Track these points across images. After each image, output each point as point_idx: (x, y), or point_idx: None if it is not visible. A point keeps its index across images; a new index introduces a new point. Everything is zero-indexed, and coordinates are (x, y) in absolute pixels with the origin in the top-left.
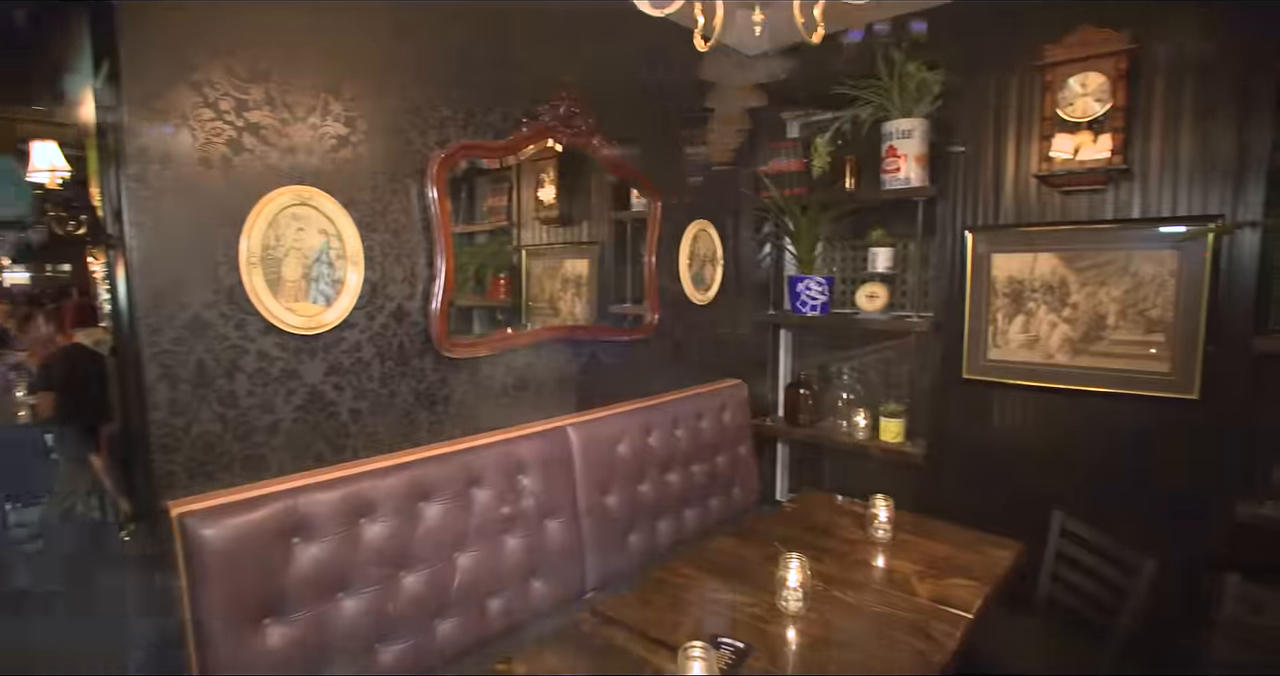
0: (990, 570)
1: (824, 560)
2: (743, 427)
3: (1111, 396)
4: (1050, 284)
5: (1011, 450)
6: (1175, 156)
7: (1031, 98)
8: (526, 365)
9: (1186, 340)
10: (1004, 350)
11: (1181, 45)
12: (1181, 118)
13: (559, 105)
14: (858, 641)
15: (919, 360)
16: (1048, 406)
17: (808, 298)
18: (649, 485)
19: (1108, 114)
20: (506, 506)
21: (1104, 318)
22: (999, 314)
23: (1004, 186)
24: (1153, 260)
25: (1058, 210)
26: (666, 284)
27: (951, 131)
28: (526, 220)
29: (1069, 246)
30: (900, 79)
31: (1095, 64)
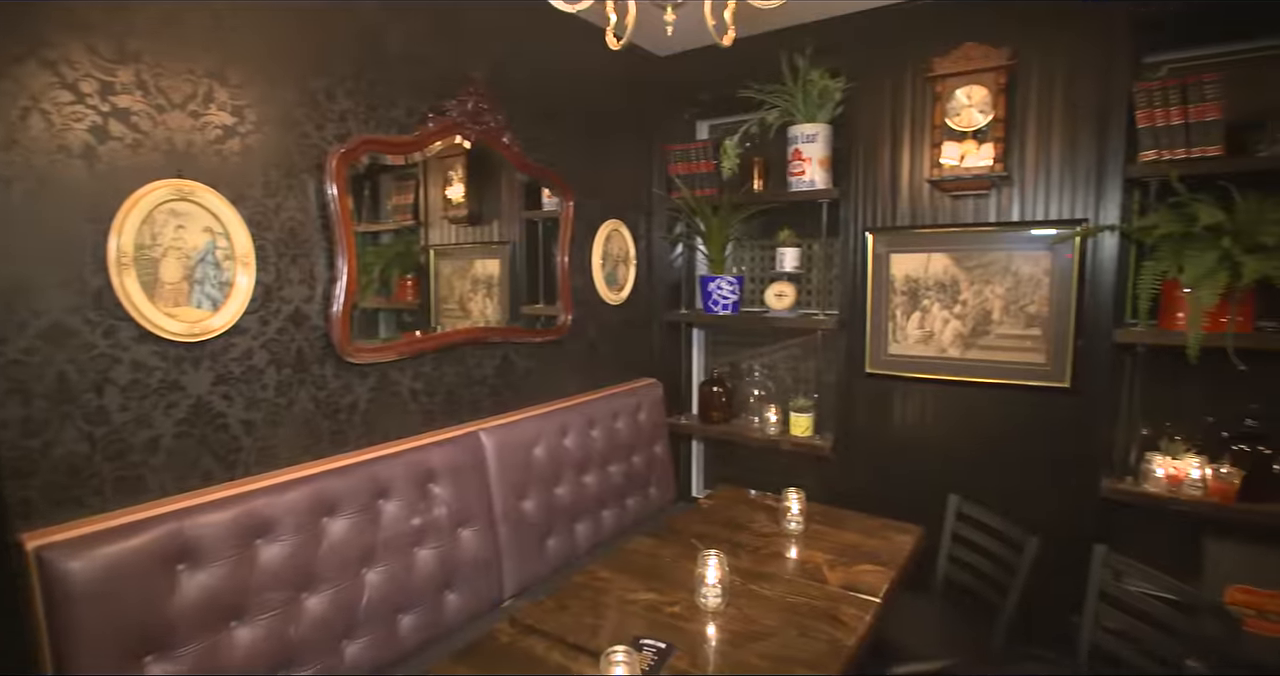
0: (895, 555)
1: (740, 555)
2: (658, 426)
3: (998, 387)
4: (943, 282)
5: (912, 439)
6: (1047, 165)
7: (923, 107)
8: (436, 369)
9: (1059, 334)
10: (903, 345)
11: (1050, 64)
12: (1052, 130)
13: (467, 101)
14: (775, 632)
15: (825, 356)
16: (943, 397)
17: (719, 297)
18: (566, 488)
19: (990, 124)
20: (417, 517)
21: (990, 314)
22: (898, 311)
23: (900, 190)
24: (1030, 260)
25: (948, 213)
26: (580, 284)
27: (853, 137)
28: (434, 219)
29: (958, 247)
30: (804, 85)
31: (978, 78)
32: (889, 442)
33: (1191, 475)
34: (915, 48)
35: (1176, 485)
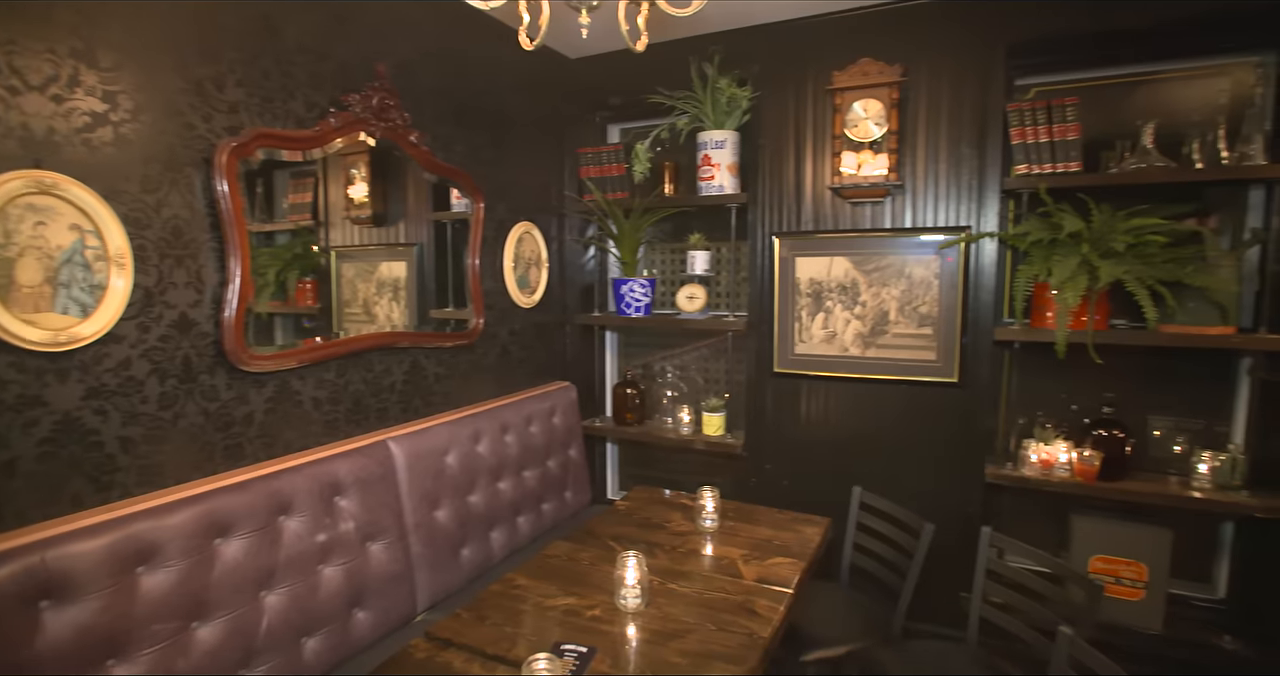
0: (805, 546)
1: (658, 554)
2: (573, 430)
3: (895, 383)
4: (844, 284)
5: (818, 435)
6: (935, 175)
7: (824, 118)
8: (341, 376)
9: (948, 332)
10: (808, 345)
11: (936, 83)
12: (939, 143)
13: (372, 96)
14: (694, 629)
15: (736, 356)
16: (846, 394)
17: (631, 299)
18: (480, 495)
19: (885, 136)
20: (322, 533)
21: (887, 314)
22: (803, 312)
23: (804, 196)
24: (921, 264)
25: (848, 218)
26: (491, 287)
27: (760, 144)
28: (336, 219)
29: (858, 251)
30: (713, 93)
31: (874, 92)
32: (797, 439)
33: (1060, 459)
34: (817, 61)
35: (1048, 468)
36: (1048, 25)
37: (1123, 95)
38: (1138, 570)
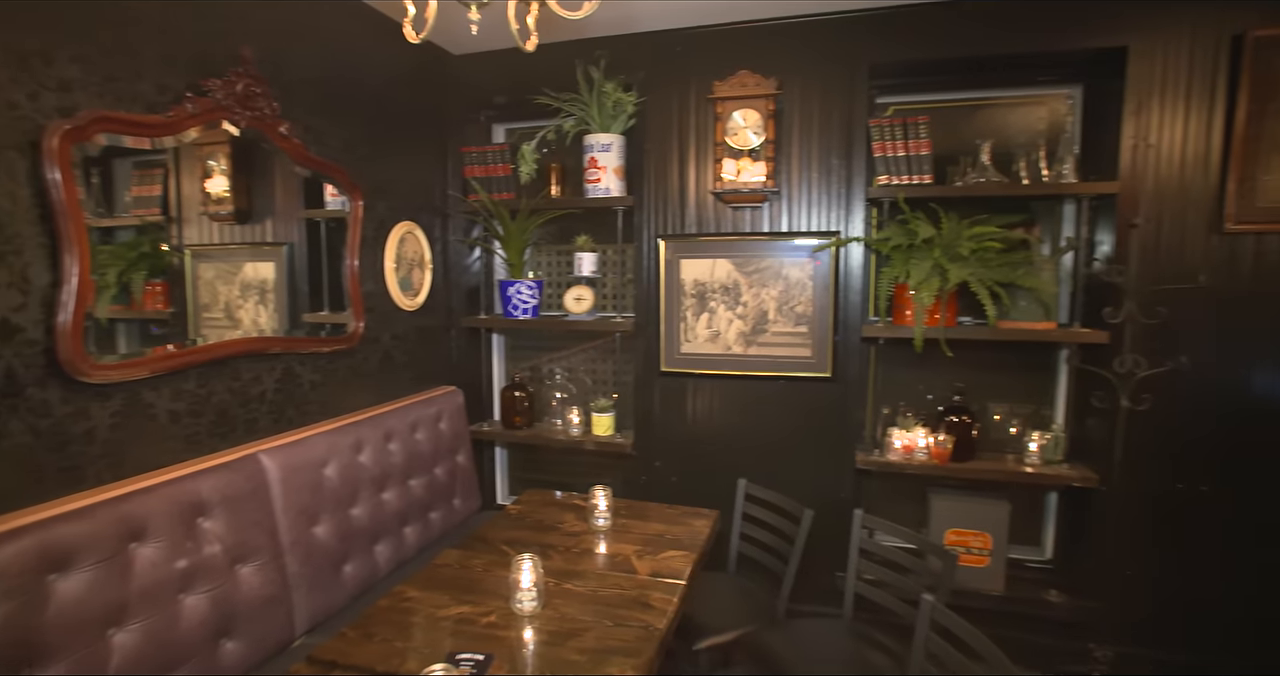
0: (695, 539)
1: (552, 556)
2: (460, 435)
3: (775, 379)
4: (727, 285)
5: (705, 431)
6: (809, 183)
7: (707, 125)
8: (203, 386)
9: (821, 330)
10: (693, 344)
11: (809, 97)
12: (811, 153)
13: (236, 83)
14: (591, 626)
15: (624, 357)
16: (730, 391)
17: (519, 301)
18: (363, 507)
19: (762, 145)
20: (183, 559)
21: (767, 314)
22: (688, 312)
23: (688, 200)
24: (797, 266)
25: (730, 222)
26: (372, 289)
27: (645, 148)
28: (190, 215)
29: (739, 254)
30: (599, 96)
31: (752, 103)
32: (685, 436)
33: (919, 444)
34: (700, 70)
35: (909, 453)
36: (903, 51)
37: (966, 117)
38: (984, 540)
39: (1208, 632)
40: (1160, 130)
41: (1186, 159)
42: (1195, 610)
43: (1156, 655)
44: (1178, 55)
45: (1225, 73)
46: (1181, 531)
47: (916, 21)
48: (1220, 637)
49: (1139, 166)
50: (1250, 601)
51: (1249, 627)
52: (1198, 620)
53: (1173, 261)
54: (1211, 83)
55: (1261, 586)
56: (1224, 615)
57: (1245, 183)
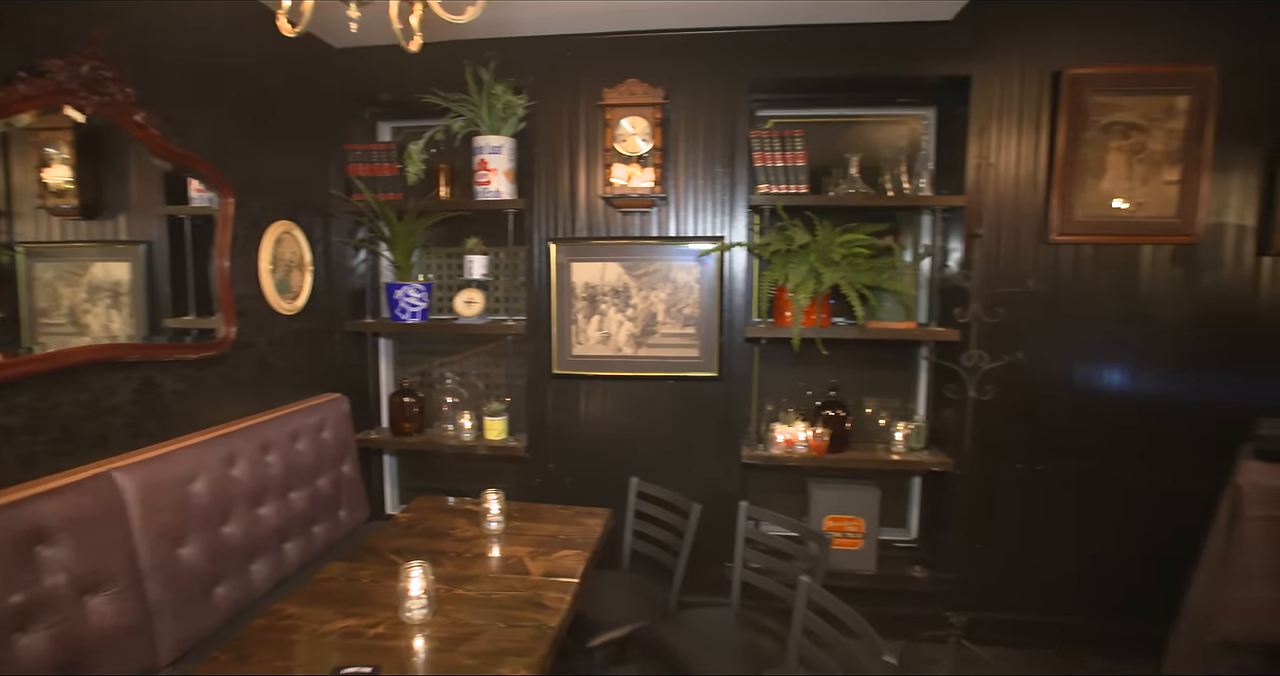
0: (588, 537)
1: (444, 562)
2: (345, 444)
3: (665, 379)
4: (617, 288)
5: (598, 432)
6: (695, 189)
7: (596, 130)
8: (43, 399)
9: (708, 331)
10: (585, 346)
11: (694, 107)
12: (697, 161)
13: (82, 64)
14: (484, 630)
15: (516, 360)
16: (622, 391)
17: (407, 304)
18: (237, 525)
19: (650, 152)
20: (18, 593)
21: (656, 316)
22: (580, 315)
23: (579, 204)
24: (684, 270)
25: (619, 226)
26: (245, 292)
27: (536, 151)
28: (24, 208)
29: (629, 257)
30: (489, 98)
31: (640, 111)
32: (578, 437)
33: (799, 437)
34: (590, 76)
35: (791, 446)
36: (779, 68)
37: (839, 132)
38: (858, 524)
39: (1043, 593)
40: (999, 151)
41: (1020, 177)
42: (1033, 574)
43: (1002, 616)
44: (1011, 86)
45: (1048, 103)
46: (1022, 506)
47: (791, 42)
48: (1053, 596)
49: (982, 183)
50: (1078, 563)
51: (1077, 586)
52: (1035, 583)
53: (1009, 267)
54: (1038, 111)
55: (1086, 550)
56: (1057, 577)
57: (1066, 199)
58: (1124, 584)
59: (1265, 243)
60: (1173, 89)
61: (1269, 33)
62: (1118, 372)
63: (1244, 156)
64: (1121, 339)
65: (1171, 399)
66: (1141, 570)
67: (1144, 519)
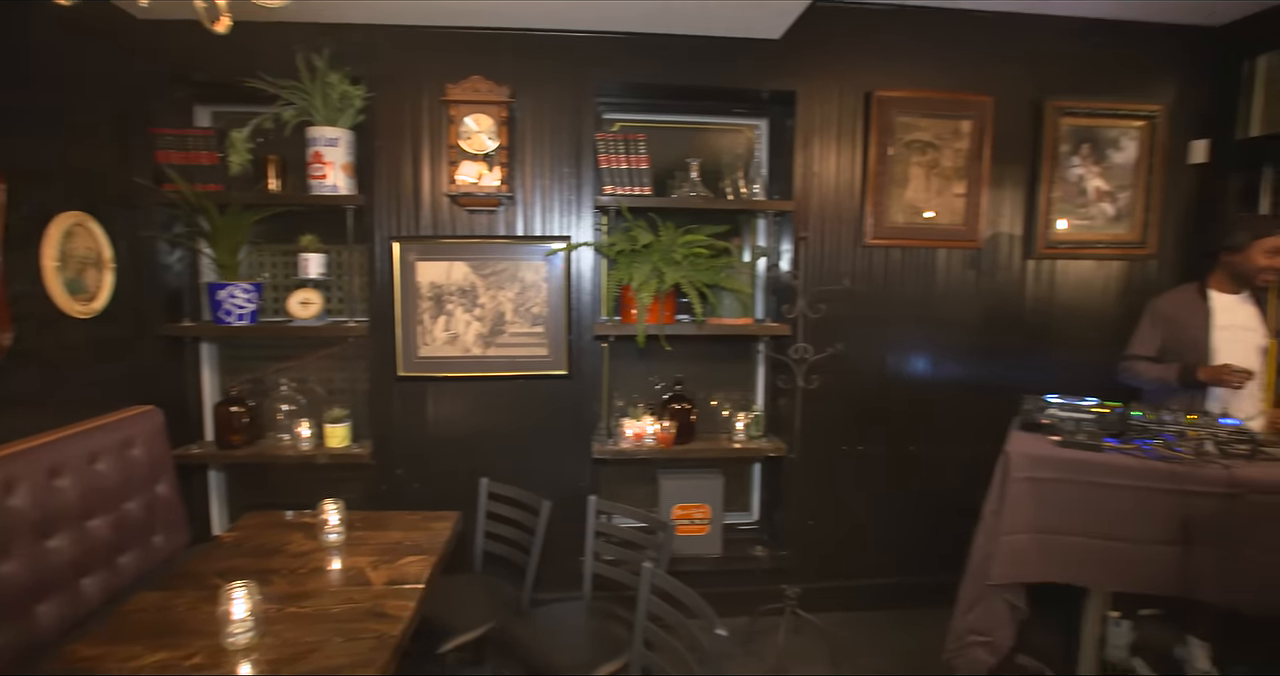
0: (435, 542)
1: (275, 581)
2: (161, 461)
3: (515, 378)
4: (464, 288)
5: (448, 434)
6: (542, 189)
7: (440, 127)
8: None
9: (557, 330)
10: (432, 347)
11: (540, 107)
12: (544, 161)
13: None
14: (319, 646)
15: (359, 363)
16: (471, 392)
17: (232, 306)
18: (17, 562)
19: (497, 150)
20: None
21: (504, 315)
22: (425, 315)
23: (423, 201)
24: (532, 269)
25: (466, 225)
26: (26, 292)
27: (377, 146)
28: None
29: (476, 256)
30: (323, 87)
31: (485, 108)
32: (427, 441)
33: (648, 431)
34: (433, 71)
35: (640, 440)
36: (625, 73)
37: (683, 137)
38: (704, 510)
39: (868, 559)
40: (822, 161)
41: (839, 186)
42: (859, 543)
43: (833, 584)
44: (830, 103)
45: (861, 120)
46: (846, 483)
47: (635, 49)
48: (877, 560)
49: (808, 190)
50: (896, 530)
51: (896, 549)
52: (861, 550)
53: (831, 267)
54: (854, 127)
55: (902, 517)
56: (879, 543)
57: (878, 207)
58: (934, 543)
59: (1029, 248)
60: (959, 114)
61: (1030, 72)
62: (921, 360)
63: (1013, 174)
64: (924, 331)
65: (965, 381)
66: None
67: (948, 485)
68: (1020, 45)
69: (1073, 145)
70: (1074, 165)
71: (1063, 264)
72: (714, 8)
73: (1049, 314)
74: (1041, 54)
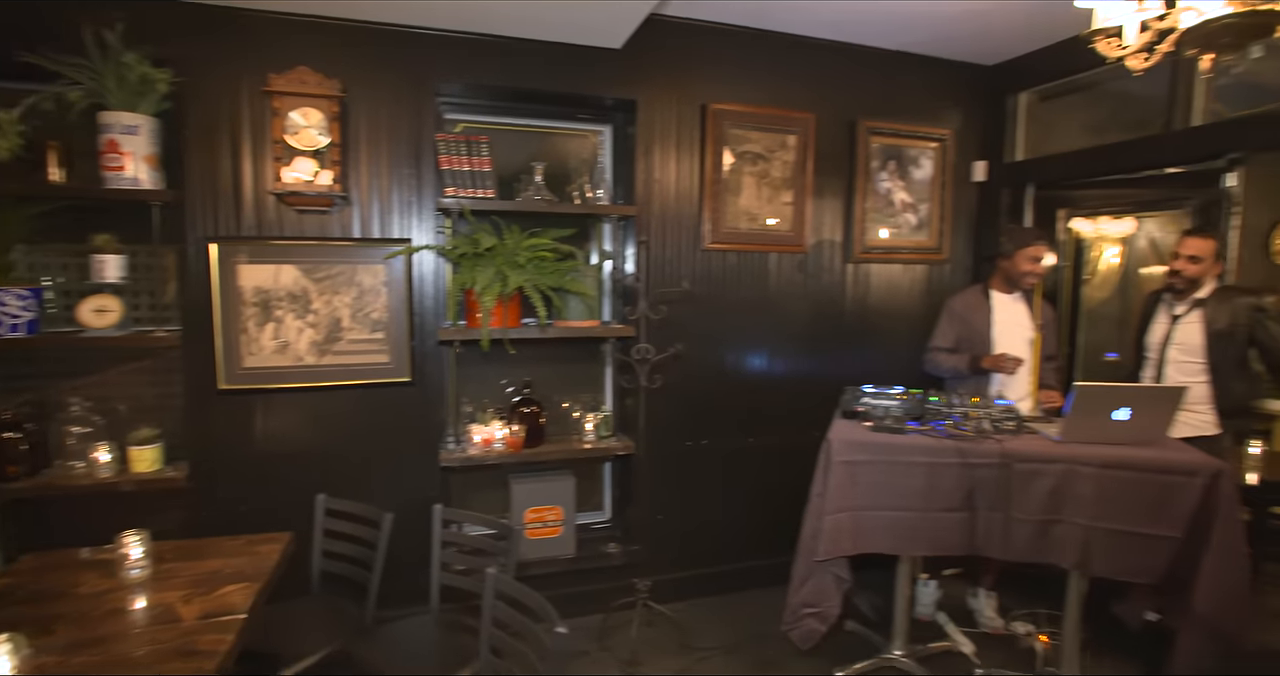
0: (261, 567)
1: (58, 629)
2: None
3: (354, 387)
4: (294, 293)
5: (281, 450)
6: (380, 190)
7: (263, 120)
8: None
9: (399, 336)
10: (259, 357)
11: (376, 104)
12: (381, 160)
13: None
14: None
15: (172, 377)
16: (306, 404)
17: (3, 315)
18: None
19: (328, 147)
20: None
21: (340, 321)
22: (250, 322)
23: (245, 200)
24: (370, 272)
25: (296, 226)
26: None
27: (188, 136)
28: None
29: (307, 259)
30: (118, 68)
31: (314, 102)
32: (256, 458)
33: (497, 435)
34: (255, 58)
35: (489, 445)
36: (468, 74)
37: (528, 141)
38: (557, 512)
39: (714, 547)
40: (663, 168)
41: (680, 193)
42: (705, 533)
43: (682, 574)
44: (669, 113)
45: (699, 130)
46: (692, 478)
47: (479, 49)
48: (722, 548)
49: (650, 196)
50: (739, 517)
51: (740, 536)
52: (707, 540)
53: (672, 270)
54: (692, 136)
55: (744, 505)
56: (724, 532)
57: (715, 213)
58: (774, 527)
59: (848, 253)
60: (785, 129)
61: (846, 95)
62: (757, 357)
63: (832, 186)
64: (758, 330)
65: (795, 375)
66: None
67: (786, 473)
68: (838, 70)
69: (882, 161)
70: (883, 179)
71: (876, 267)
72: (552, 14)
73: (866, 312)
74: (856, 79)
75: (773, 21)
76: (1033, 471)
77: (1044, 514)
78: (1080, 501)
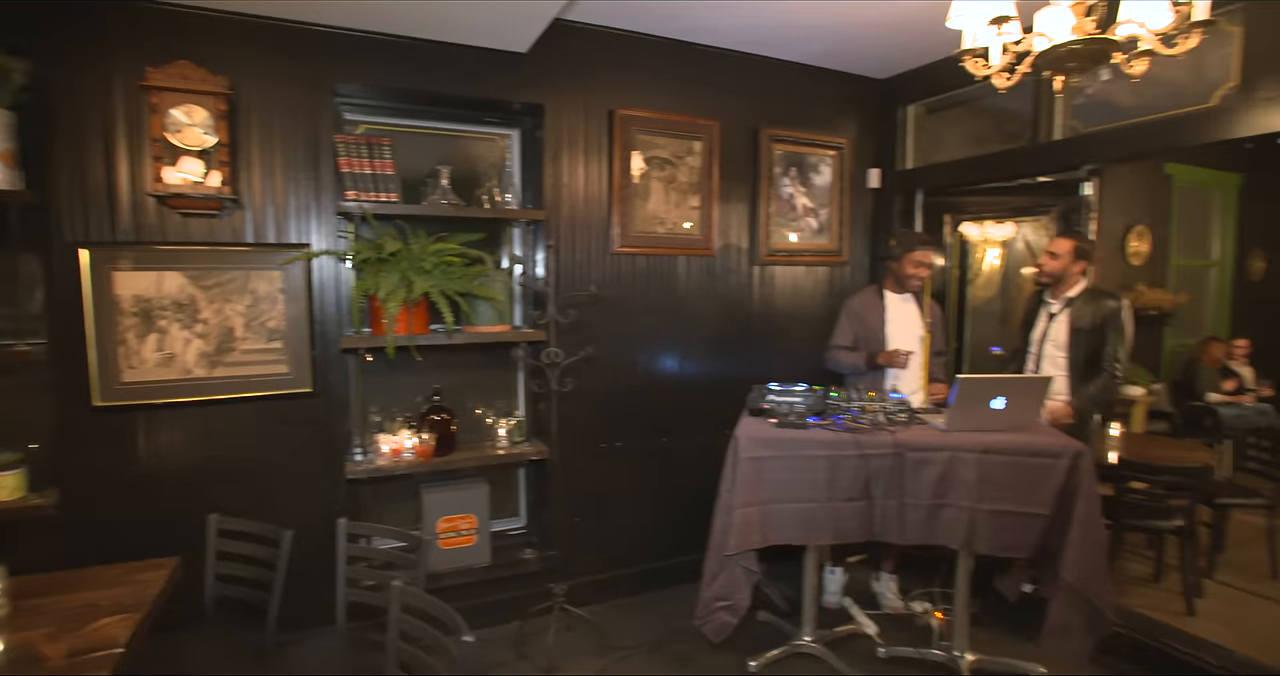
0: (142, 596)
1: None
2: None
3: (250, 400)
4: (180, 301)
5: (167, 469)
6: (274, 193)
7: (140, 117)
8: None
9: (298, 345)
10: (140, 371)
11: (269, 102)
12: (275, 162)
13: None
14: None
15: (38, 395)
16: (196, 419)
17: None
18: None
19: (216, 147)
20: None
21: (233, 331)
22: (129, 334)
23: (120, 203)
24: (265, 279)
25: (181, 231)
26: None
27: (52, 134)
28: None
29: (194, 266)
30: None
31: (198, 99)
32: (138, 479)
33: (406, 445)
34: (127, 50)
35: (398, 455)
36: (369, 75)
37: (434, 144)
38: (470, 520)
39: (630, 548)
40: (571, 173)
41: (589, 197)
42: (621, 535)
43: (599, 576)
44: (577, 118)
45: (606, 135)
46: (607, 480)
47: (381, 50)
48: (638, 548)
49: (559, 200)
50: (654, 517)
51: (656, 536)
52: (623, 541)
53: (582, 274)
54: (600, 141)
55: (659, 505)
56: (640, 533)
57: (624, 217)
58: (691, 525)
59: (754, 256)
60: (691, 135)
61: (750, 103)
62: (668, 358)
63: (738, 191)
64: (669, 332)
65: (706, 376)
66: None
67: (699, 472)
68: (742, 79)
69: (784, 168)
70: (785, 185)
71: (781, 270)
72: (455, 15)
73: (772, 313)
74: (759, 88)
75: (678, 30)
76: (922, 460)
77: (933, 498)
78: (964, 485)
